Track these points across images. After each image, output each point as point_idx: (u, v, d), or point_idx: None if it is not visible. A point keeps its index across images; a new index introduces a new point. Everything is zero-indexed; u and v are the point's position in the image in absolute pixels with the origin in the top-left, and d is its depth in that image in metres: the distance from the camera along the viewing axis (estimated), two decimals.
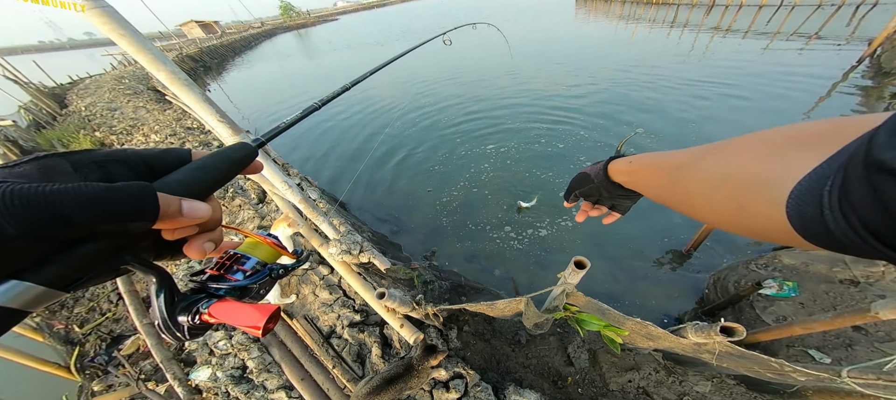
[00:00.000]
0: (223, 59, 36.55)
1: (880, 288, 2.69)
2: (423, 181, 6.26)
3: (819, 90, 7.68)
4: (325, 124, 10.16)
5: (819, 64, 9.22)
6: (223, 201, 4.51)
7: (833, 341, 2.54)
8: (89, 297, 3.39)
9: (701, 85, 8.56)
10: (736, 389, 2.24)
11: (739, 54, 11.01)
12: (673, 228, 4.34)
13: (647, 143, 6.23)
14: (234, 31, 66.04)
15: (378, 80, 14.00)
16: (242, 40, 50.52)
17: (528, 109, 8.50)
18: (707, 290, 3.50)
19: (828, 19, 13.49)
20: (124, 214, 0.26)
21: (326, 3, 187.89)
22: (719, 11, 18.90)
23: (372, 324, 2.77)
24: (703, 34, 14.58)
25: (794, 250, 3.41)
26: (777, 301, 2.88)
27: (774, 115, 6.77)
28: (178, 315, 0.39)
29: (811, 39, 11.36)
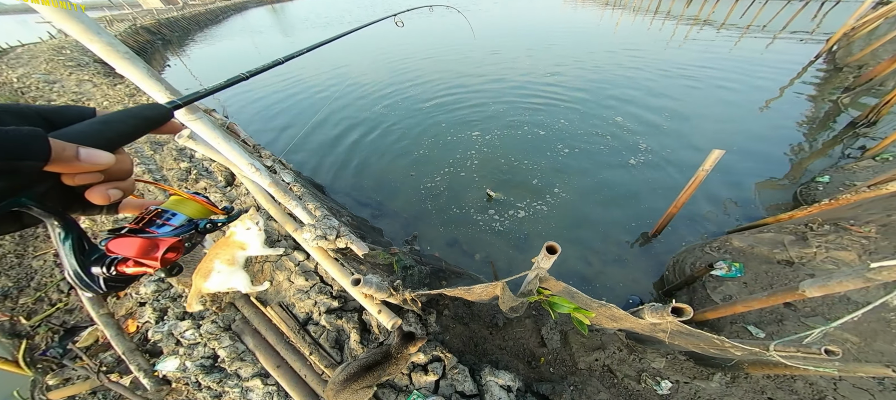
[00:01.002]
0: (185, 32, 33.48)
1: (811, 268, 3.01)
2: (405, 164, 6.17)
3: (780, 80, 8.28)
4: (308, 107, 9.72)
5: (785, 56, 9.92)
6: (187, 183, 4.25)
7: (768, 317, 2.83)
8: (35, 287, 3.13)
9: (676, 76, 8.91)
10: (686, 364, 2.47)
11: (714, 45, 11.58)
12: (642, 213, 4.59)
13: (624, 134, 6.44)
14: (199, 3, 60.43)
15: (362, 64, 13.48)
16: (208, 13, 46.33)
17: (516, 94, 8.52)
18: (667, 271, 3.77)
19: (795, 14, 14.39)
20: (9, 152, 0.28)
21: None
22: (698, 3, 19.58)
23: (350, 310, 2.76)
24: (682, 25, 15.08)
25: (743, 233, 3.71)
26: (725, 281, 3.16)
27: (738, 104, 7.20)
28: (92, 266, 0.40)
29: (777, 35, 12.11)
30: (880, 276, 1.40)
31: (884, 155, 4.67)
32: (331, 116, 8.85)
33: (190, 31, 34.49)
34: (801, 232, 3.30)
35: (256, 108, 10.19)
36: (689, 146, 5.92)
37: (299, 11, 48.14)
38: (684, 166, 5.32)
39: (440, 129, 7.08)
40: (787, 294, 1.84)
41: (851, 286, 1.53)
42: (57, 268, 3.28)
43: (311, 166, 6.60)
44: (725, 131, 6.34)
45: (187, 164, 4.57)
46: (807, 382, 2.29)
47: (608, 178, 5.27)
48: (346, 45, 18.34)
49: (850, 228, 3.12)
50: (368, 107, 9.19)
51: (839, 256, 2.99)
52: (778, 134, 6.20)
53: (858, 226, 3.13)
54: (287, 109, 9.78)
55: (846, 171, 4.52)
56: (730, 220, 4.35)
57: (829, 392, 2.22)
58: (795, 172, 5.17)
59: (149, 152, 5.01)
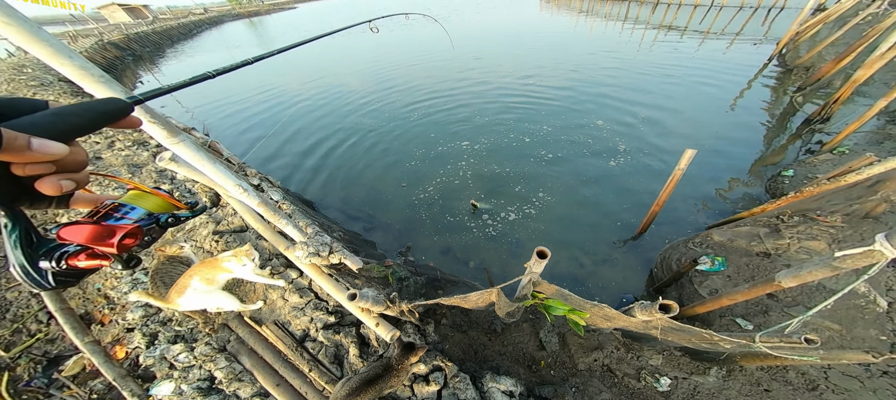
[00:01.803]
0: (157, 47, 32.46)
1: (787, 258, 3.20)
2: (396, 175, 6.17)
3: (741, 81, 8.85)
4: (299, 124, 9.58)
5: (742, 57, 10.64)
6: None
7: (753, 309, 2.96)
8: (11, 319, 2.93)
9: (648, 78, 9.36)
10: (682, 359, 2.55)
11: (680, 48, 12.30)
12: (622, 212, 4.76)
13: (604, 137, 6.68)
14: (170, 16, 58.65)
15: (343, 75, 13.45)
16: (181, 27, 45.07)
17: (501, 102, 8.71)
18: (655, 268, 3.91)
19: (747, 21, 15.56)
20: None
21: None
22: (663, 9, 20.78)
23: (347, 324, 2.72)
24: (650, 30, 15.92)
25: (722, 228, 3.91)
26: (710, 276, 3.30)
27: (706, 102, 7.64)
28: (40, 261, 0.38)
29: (735, 39, 12.96)
30: (845, 264, 1.51)
31: (840, 148, 5.05)
32: (315, 130, 8.77)
33: (162, 46, 33.46)
34: (773, 224, 3.52)
35: (234, 122, 9.97)
36: (665, 146, 6.20)
37: (277, 25, 47.64)
38: (661, 165, 5.57)
39: (429, 140, 7.13)
40: (766, 286, 1.95)
41: (821, 275, 1.65)
42: (33, 298, 3.08)
43: (299, 182, 6.49)
44: (697, 130, 6.67)
45: (168, 186, 4.42)
46: (799, 372, 2.37)
47: (592, 181, 5.46)
48: (325, 58, 18.28)
49: (818, 219, 3.35)
50: (353, 118, 9.17)
51: (811, 245, 3.20)
52: (745, 131, 6.59)
53: (825, 216, 3.36)
54: (264, 121, 9.61)
55: (808, 165, 4.86)
56: (709, 215, 4.57)
57: (820, 381, 2.31)
58: (764, 167, 5.51)
59: (127, 176, 4.80)
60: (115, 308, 2.87)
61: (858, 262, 1.45)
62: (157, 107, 11.32)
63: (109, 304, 2.91)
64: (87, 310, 2.90)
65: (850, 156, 4.51)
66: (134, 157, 5.34)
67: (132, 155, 5.42)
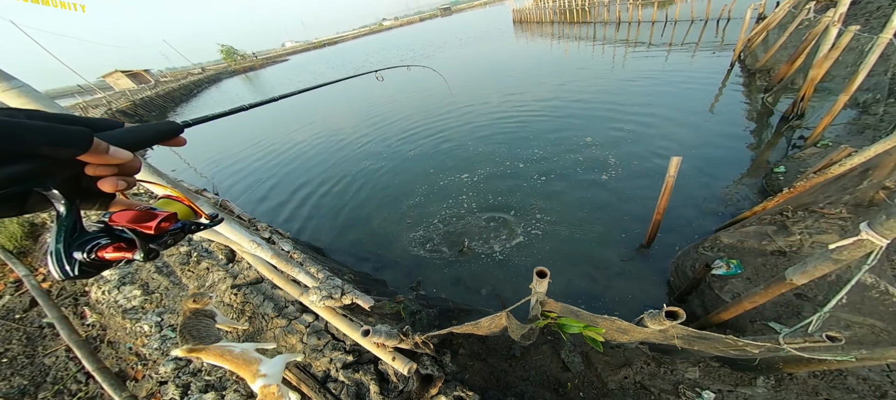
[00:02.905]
0: (162, 110, 33.97)
1: (802, 254, 3.18)
2: (400, 213, 6.26)
3: (711, 88, 9.25)
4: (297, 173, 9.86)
5: (708, 64, 11.23)
6: (188, 266, 4.20)
7: (785, 311, 2.82)
8: (52, 380, 2.98)
9: (627, 91, 9.78)
10: (721, 370, 2.40)
11: (649, 61, 13.00)
12: (625, 223, 4.79)
13: (594, 153, 6.87)
14: (171, 78, 61.74)
15: (338, 121, 14.00)
16: (182, 88, 47.41)
17: (493, 129, 9.03)
18: (671, 277, 3.87)
19: (701, 31, 16.58)
20: (59, 140, 0.37)
21: (274, 45, 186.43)
22: (625, 27, 22.36)
23: (366, 362, 2.67)
24: (619, 47, 16.91)
25: (728, 230, 3.92)
26: (729, 279, 3.25)
27: (685, 110, 7.96)
28: (75, 250, 0.43)
29: (696, 49, 13.73)
30: (843, 256, 1.54)
31: (822, 141, 5.22)
32: (316, 175, 9.00)
33: (166, 108, 34.97)
34: (780, 222, 3.55)
35: (241, 177, 10.22)
36: (652, 154, 6.36)
37: (273, 77, 50.31)
38: (653, 174, 5.67)
39: (429, 176, 7.29)
40: (780, 285, 1.94)
41: (826, 269, 1.66)
42: (71, 361, 3.15)
43: (307, 229, 6.57)
44: (681, 137, 6.88)
45: (187, 247, 4.51)
46: (860, 377, 2.15)
47: (591, 196, 5.55)
48: (321, 103, 19.14)
49: (824, 212, 3.40)
50: (352, 161, 9.43)
51: (822, 239, 3.20)
52: (728, 133, 6.78)
53: (829, 208, 3.41)
54: (266, 170, 9.87)
55: (797, 160, 4.99)
56: (713, 218, 4.61)
57: (887, 385, 2.10)
58: (757, 166, 5.64)
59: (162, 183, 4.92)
60: (147, 364, 2.96)
61: (853, 253, 1.49)
62: (169, 172, 11.66)
63: (141, 360, 3.01)
64: (121, 368, 3.00)
65: (832, 148, 4.65)
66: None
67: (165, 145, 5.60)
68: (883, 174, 2.98)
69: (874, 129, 5.12)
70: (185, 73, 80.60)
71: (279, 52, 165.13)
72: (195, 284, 3.89)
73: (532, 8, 42.09)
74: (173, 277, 4.08)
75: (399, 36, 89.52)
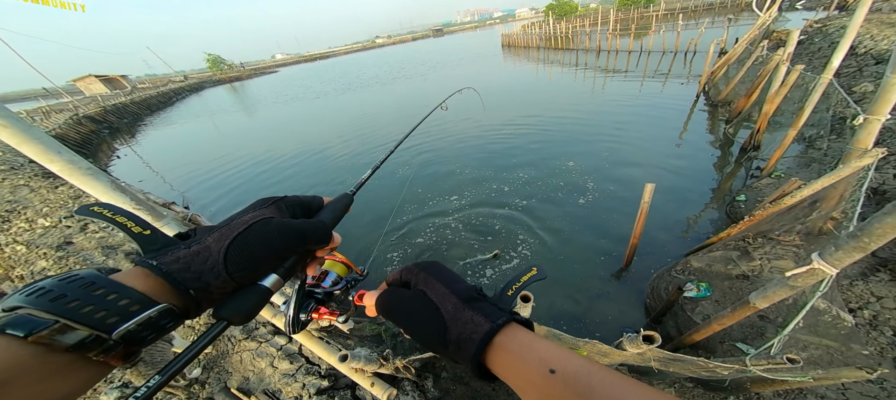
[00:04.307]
0: (136, 118, 32.47)
1: (763, 279, 3.41)
2: (383, 230, 6.17)
3: (681, 116, 9.99)
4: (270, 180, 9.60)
5: (677, 94, 12.17)
6: None
7: (751, 332, 2.99)
8: None
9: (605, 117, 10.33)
10: (695, 390, 2.49)
11: (625, 88, 13.92)
12: (603, 248, 4.95)
13: (573, 177, 7.16)
14: (149, 85, 59.77)
15: (318, 133, 13.93)
16: (160, 96, 45.80)
17: (481, 151, 9.24)
18: (648, 299, 4.00)
19: (671, 63, 18.06)
20: (322, 238, 0.50)
21: (263, 56, 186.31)
22: (604, 56, 24.09)
23: (342, 387, 2.53)
24: (599, 75, 18.11)
25: (698, 254, 4.15)
26: (700, 302, 3.41)
27: (657, 137, 8.51)
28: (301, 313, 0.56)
29: (666, 79, 14.91)
30: (798, 282, 1.68)
31: (775, 173, 5.71)
32: (302, 189, 8.79)
33: (141, 116, 33.45)
34: (742, 247, 3.80)
35: (217, 191, 9.82)
36: (628, 179, 6.69)
37: (261, 88, 49.59)
38: (629, 199, 5.94)
39: (417, 195, 7.30)
40: (745, 308, 2.06)
41: (784, 294, 1.79)
42: None
43: None
44: (655, 163, 7.29)
45: None
46: (818, 396, 2.28)
47: (574, 220, 5.72)
48: (304, 117, 18.96)
49: (780, 239, 3.68)
50: (335, 174, 9.31)
51: (780, 264, 3.45)
52: (697, 160, 7.27)
53: (784, 236, 3.70)
54: (242, 184, 9.57)
55: (755, 190, 5.41)
56: (685, 243, 4.86)
57: None
58: (720, 193, 6.06)
59: (100, 258, 4.52)
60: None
61: (806, 280, 1.62)
62: (136, 183, 10.99)
63: None
64: None
65: (784, 179, 5.09)
66: (109, 239, 5.07)
67: (107, 237, 5.16)
68: (830, 206, 3.29)
69: (819, 162, 5.67)
70: (165, 80, 78.05)
71: (268, 64, 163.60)
72: None
73: (520, 33, 44.73)
74: None
75: (391, 53, 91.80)
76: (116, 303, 0.32)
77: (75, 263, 4.29)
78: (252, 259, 0.41)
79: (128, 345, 0.32)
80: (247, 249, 0.41)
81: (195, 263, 0.38)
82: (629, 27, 31.47)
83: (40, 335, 0.28)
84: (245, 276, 0.41)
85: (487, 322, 0.39)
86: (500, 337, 0.38)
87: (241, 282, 0.41)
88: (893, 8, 12.89)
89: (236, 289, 0.41)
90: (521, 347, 0.36)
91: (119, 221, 0.41)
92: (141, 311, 0.33)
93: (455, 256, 5.19)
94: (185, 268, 0.38)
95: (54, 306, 0.29)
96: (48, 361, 0.28)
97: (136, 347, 0.33)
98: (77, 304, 0.30)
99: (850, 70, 8.44)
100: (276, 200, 0.49)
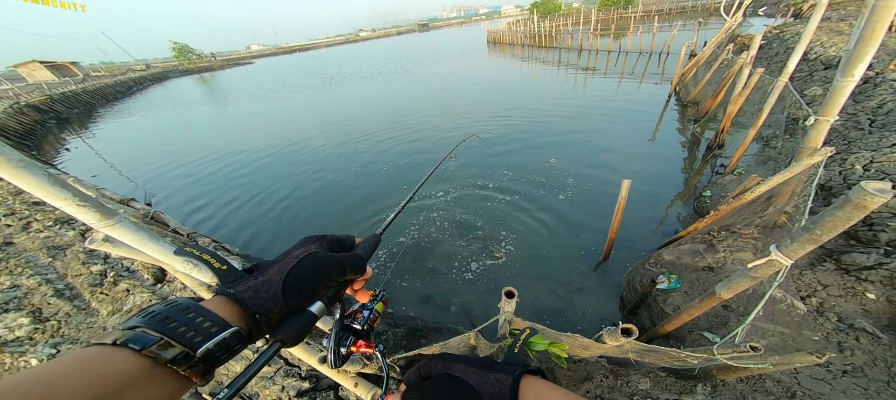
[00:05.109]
0: (88, 108, 29.93)
1: (726, 270, 3.65)
2: (367, 229, 6.08)
3: (655, 115, 10.46)
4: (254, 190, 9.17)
5: (652, 92, 12.77)
6: (101, 289, 3.62)
7: (715, 321, 3.18)
8: None
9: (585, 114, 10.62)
10: (668, 379, 2.62)
11: (604, 87, 14.45)
12: (582, 242, 5.13)
13: (554, 173, 7.35)
14: (105, 73, 55.11)
15: (305, 129, 13.49)
16: (118, 85, 42.36)
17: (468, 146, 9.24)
18: (624, 292, 4.18)
19: (647, 64, 18.94)
20: (359, 269, 0.58)
21: (237, 46, 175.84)
22: (585, 54, 24.88)
23: (324, 389, 2.47)
24: (580, 73, 18.68)
25: (668, 247, 4.38)
26: (671, 293, 3.60)
27: (633, 134, 8.77)
28: (342, 347, 0.61)
29: (642, 79, 15.61)
30: (758, 273, 1.80)
31: (737, 170, 6.13)
32: (280, 187, 8.48)
33: (94, 106, 30.89)
34: (708, 240, 4.05)
35: (184, 187, 9.26)
36: (606, 175, 6.95)
37: (234, 79, 47.00)
38: (607, 194, 6.20)
39: (402, 192, 7.22)
40: (711, 299, 2.19)
41: (746, 285, 1.92)
42: None
43: (259, 244, 6.08)
44: (631, 159, 7.62)
45: (100, 266, 3.89)
46: (775, 380, 2.43)
47: (555, 215, 5.88)
48: (286, 111, 18.24)
49: (740, 233, 3.95)
50: (316, 171, 9.04)
51: (740, 256, 3.71)
52: (669, 157, 7.66)
53: (744, 229, 3.98)
54: (214, 180, 9.11)
55: (719, 186, 5.77)
56: (658, 236, 5.12)
57: (795, 386, 2.38)
58: (689, 189, 6.43)
59: (46, 260, 4.13)
60: None
61: (766, 271, 1.74)
62: (89, 177, 10.12)
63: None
64: None
65: (744, 176, 5.47)
66: (56, 239, 4.64)
67: (53, 236, 4.72)
68: (783, 201, 3.56)
69: (774, 160, 6.14)
70: (124, 68, 72.59)
71: (243, 54, 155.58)
72: (110, 309, 3.36)
73: (505, 30, 44.99)
74: (79, 300, 3.47)
75: (375, 48, 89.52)
76: (202, 324, 0.38)
77: (16, 265, 3.91)
78: (303, 287, 0.48)
79: (206, 363, 0.37)
80: (300, 278, 0.48)
81: (261, 291, 0.45)
82: (609, 27, 32.48)
83: (150, 350, 0.34)
84: (297, 302, 0.47)
85: (508, 377, 0.49)
86: (522, 385, 0.49)
87: (293, 308, 0.47)
88: (841, 17, 14.07)
89: (289, 314, 0.47)
90: (537, 395, 0.48)
91: (205, 259, 0.49)
92: (219, 332, 0.39)
93: (440, 252, 5.20)
94: (253, 295, 0.45)
95: (161, 326, 0.36)
96: (153, 373, 0.34)
97: (212, 367, 0.39)
98: (176, 324, 0.36)
99: (802, 75, 9.16)
100: (318, 237, 0.58)
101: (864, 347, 2.72)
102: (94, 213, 1.10)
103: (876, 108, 5.86)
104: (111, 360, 0.32)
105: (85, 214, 1.09)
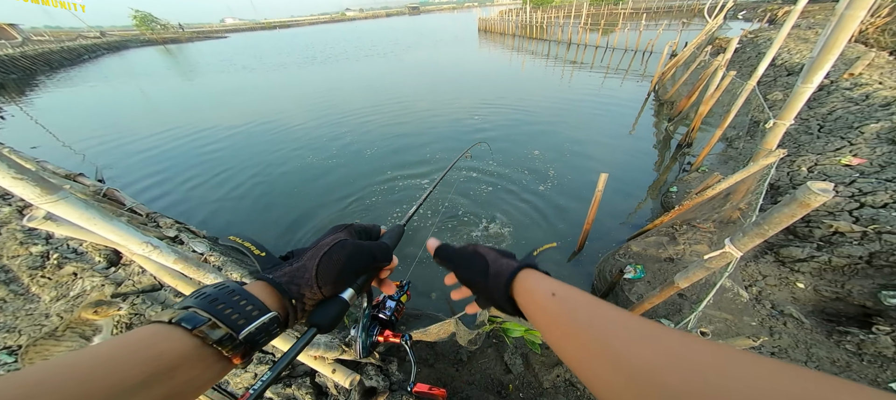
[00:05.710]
0: (28, 74, 26.92)
1: (684, 262, 3.94)
2: (348, 213, 5.97)
3: (634, 111, 10.85)
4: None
5: (633, 90, 13.20)
6: (43, 272, 3.36)
7: (671, 309, 3.49)
8: None
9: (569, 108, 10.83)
10: None
11: (589, 82, 14.78)
12: (560, 233, 5.34)
13: (538, 166, 7.49)
14: (51, 38, 49.42)
15: (290, 109, 12.87)
16: (65, 52, 38.13)
17: (455, 136, 9.20)
18: (595, 281, 4.42)
19: (631, 61, 19.51)
20: (386, 257, 0.59)
21: (210, 19, 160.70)
22: (574, 48, 25.22)
23: (300, 375, 2.46)
24: (567, 66, 18.97)
25: (637, 239, 4.65)
26: (635, 283, 3.86)
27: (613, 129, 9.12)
28: (369, 338, 0.63)
29: (625, 75, 16.09)
30: (712, 264, 1.98)
31: (702, 168, 6.54)
32: (251, 166, 8.10)
33: (35, 72, 27.92)
34: (671, 233, 4.34)
35: (147, 164, 8.65)
36: (585, 168, 7.20)
37: (204, 53, 43.56)
38: (584, 187, 6.42)
39: (386, 179, 7.11)
40: (670, 288, 2.37)
41: (701, 275, 2.10)
42: None
43: (230, 225, 5.82)
44: (609, 153, 7.91)
45: (41, 247, 3.59)
46: None
47: (535, 206, 6.04)
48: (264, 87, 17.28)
49: (699, 226, 4.26)
50: (296, 149, 8.71)
51: (697, 249, 4.01)
52: (643, 153, 8.02)
53: (703, 224, 4.29)
54: (178, 156, 8.58)
55: (685, 182, 6.15)
56: (628, 229, 5.40)
57: None
58: (658, 184, 6.79)
59: None
60: None
61: (719, 262, 1.91)
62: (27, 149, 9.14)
63: None
64: None
65: (708, 174, 5.85)
66: None
67: None
68: (738, 198, 3.86)
69: (735, 160, 6.59)
70: (74, 34, 65.29)
71: (215, 28, 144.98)
72: (53, 294, 3.14)
73: (497, 19, 44.34)
74: (17, 284, 3.21)
75: (363, 28, 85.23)
76: (245, 308, 0.40)
77: None
78: (335, 273, 0.49)
79: (247, 345, 0.39)
80: (331, 264, 0.49)
81: (296, 276, 0.47)
82: (599, 22, 32.86)
83: (200, 330, 0.35)
84: (329, 288, 0.48)
85: (515, 263, 0.55)
86: (522, 274, 0.53)
87: (325, 294, 0.48)
88: (810, 25, 15.02)
89: (322, 301, 0.48)
90: (535, 280, 0.51)
91: (246, 246, 0.52)
92: (259, 316, 0.40)
93: (420, 240, 5.21)
94: (290, 280, 0.46)
95: (211, 307, 0.37)
96: (201, 353, 0.35)
97: (252, 350, 0.40)
98: (223, 306, 0.38)
99: (768, 79, 9.77)
100: (347, 226, 0.59)
101: (790, 331, 3.07)
102: (33, 187, 1.00)
103: (826, 115, 6.39)
104: (167, 337, 0.34)
105: (22, 187, 0.98)
